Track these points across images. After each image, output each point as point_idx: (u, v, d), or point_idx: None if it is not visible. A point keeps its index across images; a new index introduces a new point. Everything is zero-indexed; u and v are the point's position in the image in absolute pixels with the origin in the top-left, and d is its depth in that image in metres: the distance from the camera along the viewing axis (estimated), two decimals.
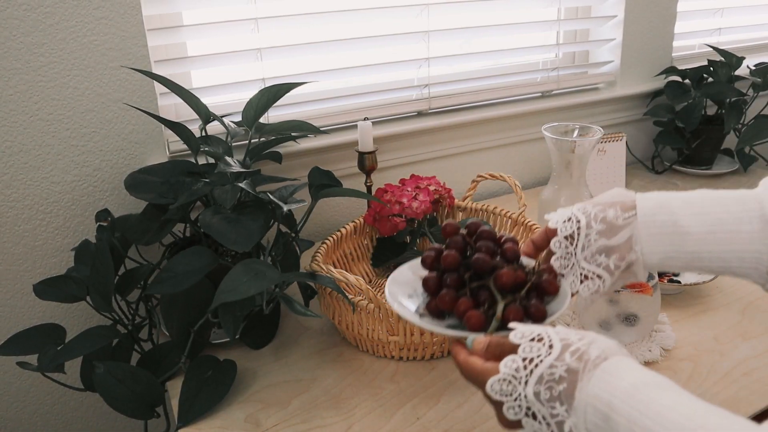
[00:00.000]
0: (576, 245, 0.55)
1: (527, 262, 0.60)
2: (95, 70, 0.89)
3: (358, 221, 1.00)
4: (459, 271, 0.56)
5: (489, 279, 0.55)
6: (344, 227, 0.98)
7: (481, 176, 1.02)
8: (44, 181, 0.91)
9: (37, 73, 0.86)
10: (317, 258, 0.85)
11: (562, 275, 0.57)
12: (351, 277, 0.71)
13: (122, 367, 0.72)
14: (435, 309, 0.57)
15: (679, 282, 0.90)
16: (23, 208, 0.91)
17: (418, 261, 0.61)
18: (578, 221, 0.56)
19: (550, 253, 0.58)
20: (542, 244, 0.60)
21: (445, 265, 0.56)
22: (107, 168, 0.94)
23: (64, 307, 0.98)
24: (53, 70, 0.87)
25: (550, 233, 0.58)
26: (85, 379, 0.78)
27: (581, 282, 0.55)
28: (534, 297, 0.55)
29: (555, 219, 0.58)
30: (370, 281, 1.00)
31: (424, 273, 0.59)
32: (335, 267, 0.88)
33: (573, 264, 0.56)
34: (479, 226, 0.59)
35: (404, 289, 0.61)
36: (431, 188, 1.00)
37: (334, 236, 0.94)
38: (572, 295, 0.56)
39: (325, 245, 0.90)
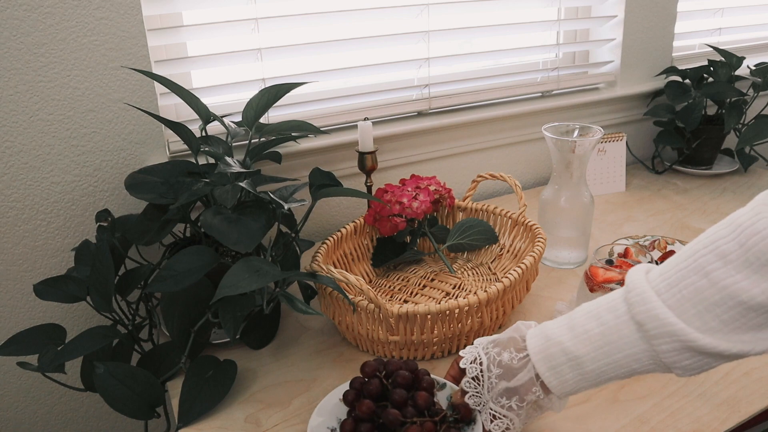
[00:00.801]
0: (482, 386, 0.58)
1: (448, 388, 0.63)
2: (95, 70, 0.89)
3: (358, 221, 1.00)
4: (373, 420, 0.58)
5: None
6: (344, 227, 0.98)
7: (481, 176, 1.02)
8: (44, 181, 0.91)
9: (37, 74, 0.86)
10: (317, 258, 0.85)
11: (478, 411, 0.58)
12: (351, 277, 0.71)
13: (122, 367, 0.72)
14: None
15: None
16: (23, 208, 0.91)
17: (345, 386, 0.63)
18: (481, 363, 0.58)
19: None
20: None
21: (360, 413, 0.58)
22: (107, 168, 0.95)
23: (64, 307, 0.98)
24: (53, 71, 0.87)
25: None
26: (85, 379, 0.78)
27: (491, 421, 0.57)
28: None
29: (465, 358, 0.59)
30: (370, 281, 1.00)
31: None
32: (335, 267, 0.88)
33: (483, 403, 0.58)
34: (398, 367, 0.61)
35: (330, 419, 0.63)
36: (431, 188, 1.00)
37: (334, 236, 0.94)
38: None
39: (325, 245, 0.90)
